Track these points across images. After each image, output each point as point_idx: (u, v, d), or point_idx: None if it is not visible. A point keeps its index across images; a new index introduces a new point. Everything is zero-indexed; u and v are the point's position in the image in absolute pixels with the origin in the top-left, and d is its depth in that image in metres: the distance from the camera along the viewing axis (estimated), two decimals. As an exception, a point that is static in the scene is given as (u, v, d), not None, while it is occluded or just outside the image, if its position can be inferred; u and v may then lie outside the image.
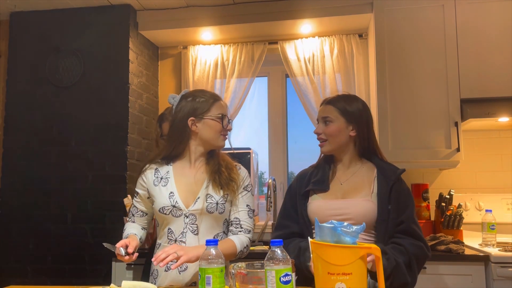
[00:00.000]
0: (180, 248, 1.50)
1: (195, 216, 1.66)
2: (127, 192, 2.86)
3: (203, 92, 1.78)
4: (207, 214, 1.65)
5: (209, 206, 1.64)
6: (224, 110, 1.74)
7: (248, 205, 1.73)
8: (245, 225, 1.71)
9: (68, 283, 2.74)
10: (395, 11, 2.77)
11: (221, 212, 1.67)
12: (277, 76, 3.43)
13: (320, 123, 1.71)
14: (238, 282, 1.28)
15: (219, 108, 1.73)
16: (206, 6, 3.06)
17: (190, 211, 1.65)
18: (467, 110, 2.59)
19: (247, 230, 1.71)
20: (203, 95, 1.74)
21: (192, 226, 1.66)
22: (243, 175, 1.76)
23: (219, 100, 1.75)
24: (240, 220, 1.70)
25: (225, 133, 1.74)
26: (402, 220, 1.57)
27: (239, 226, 1.70)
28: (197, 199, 1.65)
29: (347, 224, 1.14)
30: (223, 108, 1.75)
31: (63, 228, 2.90)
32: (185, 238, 1.65)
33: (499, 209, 2.80)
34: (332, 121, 1.66)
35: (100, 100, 2.96)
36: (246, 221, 1.71)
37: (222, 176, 1.68)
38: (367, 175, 1.66)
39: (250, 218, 1.72)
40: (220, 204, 1.66)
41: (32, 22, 3.10)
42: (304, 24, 3.06)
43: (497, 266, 2.18)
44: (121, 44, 2.99)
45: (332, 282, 1.08)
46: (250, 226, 1.72)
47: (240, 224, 1.70)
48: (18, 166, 2.99)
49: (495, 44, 2.64)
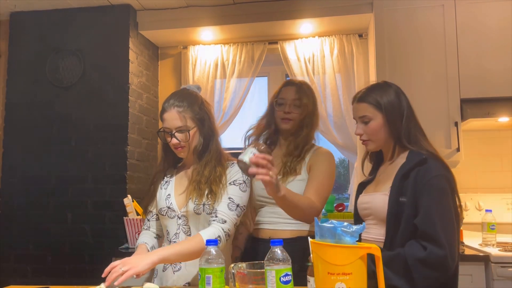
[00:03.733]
0: (126, 262, 1.45)
1: (187, 218, 1.67)
2: (127, 192, 2.86)
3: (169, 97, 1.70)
4: (196, 215, 1.65)
5: (195, 207, 1.64)
6: (166, 123, 1.66)
7: (230, 197, 1.63)
8: (220, 215, 1.60)
9: (68, 283, 2.72)
10: (395, 11, 2.77)
11: (208, 213, 1.64)
12: (277, 76, 3.43)
13: (359, 123, 1.59)
14: (238, 282, 1.28)
15: (164, 121, 1.68)
16: (206, 6, 3.06)
17: (182, 213, 1.67)
18: (467, 110, 2.59)
19: (222, 220, 1.59)
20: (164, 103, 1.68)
21: (184, 227, 1.67)
22: (234, 170, 1.69)
23: (164, 113, 1.67)
24: (216, 210, 1.61)
25: (175, 147, 1.67)
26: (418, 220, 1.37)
27: (214, 216, 1.61)
28: (189, 201, 1.65)
29: (347, 224, 1.14)
30: (166, 121, 1.66)
31: (63, 228, 2.90)
32: (179, 238, 1.67)
33: (499, 209, 2.80)
34: (371, 119, 1.56)
35: (100, 100, 2.96)
36: (222, 211, 1.61)
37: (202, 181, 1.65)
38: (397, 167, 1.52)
39: (229, 210, 1.62)
40: (207, 205, 1.63)
41: (32, 22, 3.10)
42: (304, 24, 3.06)
43: (497, 266, 2.18)
44: (121, 44, 2.99)
45: (332, 282, 1.08)
46: (227, 216, 1.60)
47: (216, 213, 1.61)
48: (18, 166, 2.99)
49: (495, 44, 2.64)
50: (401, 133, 1.54)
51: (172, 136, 1.65)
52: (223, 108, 3.24)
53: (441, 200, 1.39)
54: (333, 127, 3.09)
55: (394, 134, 1.55)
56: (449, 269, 1.33)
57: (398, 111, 1.55)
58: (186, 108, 1.66)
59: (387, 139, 1.57)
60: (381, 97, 1.55)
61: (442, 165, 1.46)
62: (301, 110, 1.94)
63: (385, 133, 1.56)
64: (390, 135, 1.56)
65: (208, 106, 1.76)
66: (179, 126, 1.65)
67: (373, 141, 1.58)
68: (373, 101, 1.55)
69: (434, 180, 1.40)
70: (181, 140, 1.65)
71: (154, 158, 3.32)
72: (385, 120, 1.54)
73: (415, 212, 1.39)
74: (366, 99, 1.57)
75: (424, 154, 1.46)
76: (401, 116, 1.55)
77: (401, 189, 1.43)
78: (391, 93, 1.57)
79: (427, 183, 1.40)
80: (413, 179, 1.42)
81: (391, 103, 1.55)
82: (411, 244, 1.37)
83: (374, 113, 1.55)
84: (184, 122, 1.65)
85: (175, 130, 1.65)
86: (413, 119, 1.58)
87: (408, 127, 1.55)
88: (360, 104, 1.59)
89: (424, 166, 1.43)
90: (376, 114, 1.55)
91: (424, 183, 1.40)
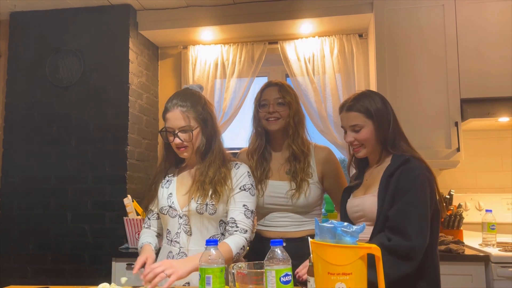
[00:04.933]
0: (169, 266, 1.45)
1: (188, 217, 1.66)
2: (127, 192, 2.86)
3: (172, 97, 1.70)
4: (198, 215, 1.65)
5: (198, 207, 1.64)
6: (169, 123, 1.66)
7: (245, 205, 1.67)
8: (241, 225, 1.64)
9: (68, 283, 2.74)
10: (395, 11, 2.77)
11: (211, 213, 1.64)
12: (277, 76, 3.43)
13: (349, 132, 1.65)
14: (238, 282, 1.28)
15: (166, 120, 1.67)
16: (206, 6, 3.06)
17: (183, 212, 1.67)
18: (467, 110, 2.59)
19: (243, 230, 1.64)
20: (167, 103, 1.68)
21: (185, 226, 1.67)
22: (240, 173, 1.70)
23: (167, 112, 1.67)
24: (235, 220, 1.65)
25: (177, 147, 1.67)
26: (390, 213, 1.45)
27: (234, 226, 1.64)
28: (191, 201, 1.66)
29: (347, 224, 1.14)
30: (169, 121, 1.66)
31: (63, 228, 2.89)
32: (179, 238, 1.67)
33: (499, 209, 2.79)
34: (362, 127, 1.61)
35: (100, 100, 2.96)
36: (242, 221, 1.65)
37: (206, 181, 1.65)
38: (383, 169, 1.60)
39: (247, 218, 1.66)
40: (210, 205, 1.64)
41: (32, 22, 3.10)
42: (304, 24, 3.06)
43: (497, 266, 2.18)
44: (121, 44, 2.99)
45: (332, 282, 1.08)
46: (247, 225, 1.66)
47: (236, 223, 1.64)
48: (18, 166, 2.99)
49: (495, 44, 2.64)
50: (388, 139, 1.61)
51: (175, 136, 1.65)
52: (223, 108, 3.24)
53: (418, 195, 1.46)
54: (333, 127, 3.08)
55: (382, 140, 1.62)
56: (414, 260, 1.39)
57: (386, 118, 1.62)
58: (189, 108, 1.66)
59: (376, 145, 1.64)
60: (370, 105, 1.61)
61: (422, 165, 1.54)
62: (285, 108, 1.95)
63: (375, 139, 1.62)
64: (378, 141, 1.63)
65: (211, 106, 1.77)
66: (182, 126, 1.65)
67: (364, 148, 1.64)
68: (363, 109, 1.61)
69: (414, 178, 1.48)
70: (184, 140, 1.65)
71: (154, 158, 3.32)
72: (375, 127, 1.61)
73: (390, 206, 1.47)
74: (356, 108, 1.62)
75: (407, 155, 1.55)
76: (389, 123, 1.62)
77: (387, 189, 1.50)
78: (378, 101, 1.64)
79: (408, 180, 1.48)
80: (397, 177, 1.50)
81: (380, 111, 1.62)
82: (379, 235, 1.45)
83: (365, 121, 1.61)
84: (188, 122, 1.65)
85: (178, 130, 1.65)
86: (397, 125, 1.66)
87: (394, 133, 1.62)
88: (350, 113, 1.64)
89: (406, 166, 1.51)
90: (367, 122, 1.61)
91: (405, 180, 1.48)
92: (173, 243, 1.68)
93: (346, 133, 1.67)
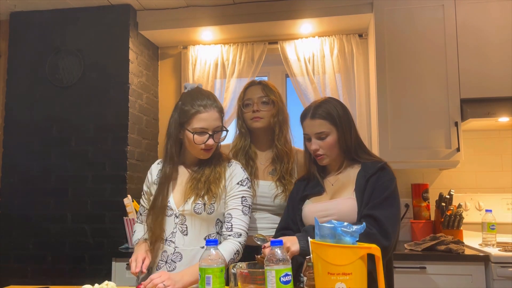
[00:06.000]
0: (167, 278, 1.46)
1: (185, 217, 1.66)
2: (127, 192, 2.86)
3: (195, 95, 1.65)
4: (196, 215, 1.64)
5: (196, 207, 1.63)
6: (205, 124, 1.61)
7: (243, 196, 1.66)
8: (236, 228, 1.62)
9: (68, 283, 2.74)
10: (395, 11, 2.77)
11: (209, 213, 1.64)
12: (277, 76, 3.43)
13: (313, 139, 1.64)
14: (240, 282, 1.28)
15: (200, 121, 1.61)
16: (206, 6, 3.06)
17: (180, 212, 1.66)
18: (467, 110, 2.59)
19: (237, 234, 1.62)
20: (191, 101, 1.63)
21: (181, 226, 1.66)
22: (235, 170, 1.70)
23: (202, 112, 1.61)
24: (232, 217, 1.63)
25: (207, 148, 1.64)
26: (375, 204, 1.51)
27: (230, 228, 1.63)
28: (187, 200, 1.65)
29: (347, 224, 1.14)
30: (205, 121, 1.61)
31: (63, 228, 2.89)
32: (175, 238, 1.66)
33: (499, 209, 2.80)
34: (328, 134, 1.61)
35: (100, 100, 2.96)
36: (238, 220, 1.63)
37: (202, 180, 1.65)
38: (353, 174, 1.63)
39: (244, 215, 1.64)
40: (208, 205, 1.64)
41: (32, 22, 3.10)
42: (304, 24, 3.06)
43: (497, 266, 2.18)
44: (121, 44, 2.99)
45: (332, 282, 1.08)
46: (242, 227, 1.63)
47: (232, 225, 1.62)
48: (18, 166, 2.99)
49: (495, 44, 2.64)
50: (351, 146, 1.64)
51: (210, 136, 1.63)
52: (223, 108, 3.23)
53: (393, 199, 1.55)
54: (333, 127, 3.08)
55: (344, 147, 1.64)
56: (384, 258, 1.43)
57: (348, 124, 1.64)
58: (221, 109, 1.68)
59: (338, 153, 1.65)
60: (334, 112, 1.62)
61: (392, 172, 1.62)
62: (269, 106, 1.94)
63: (338, 147, 1.63)
64: (341, 149, 1.64)
65: None
66: (218, 126, 1.65)
67: (328, 156, 1.65)
68: (327, 116, 1.62)
69: (390, 183, 1.57)
70: (216, 141, 1.65)
71: (154, 158, 3.31)
72: (339, 135, 1.62)
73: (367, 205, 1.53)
74: (320, 115, 1.62)
75: (383, 162, 1.62)
76: (350, 129, 1.64)
77: (365, 191, 1.55)
78: (339, 107, 1.65)
79: (386, 180, 1.56)
80: (374, 181, 1.55)
81: (342, 117, 1.63)
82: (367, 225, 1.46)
83: (330, 128, 1.62)
84: (221, 122, 1.67)
85: (213, 131, 1.64)
86: (356, 132, 1.68)
87: (356, 140, 1.66)
88: (314, 121, 1.63)
89: (384, 171, 1.58)
90: (332, 129, 1.62)
91: (384, 181, 1.55)
92: (167, 243, 1.67)
93: (310, 141, 1.66)
